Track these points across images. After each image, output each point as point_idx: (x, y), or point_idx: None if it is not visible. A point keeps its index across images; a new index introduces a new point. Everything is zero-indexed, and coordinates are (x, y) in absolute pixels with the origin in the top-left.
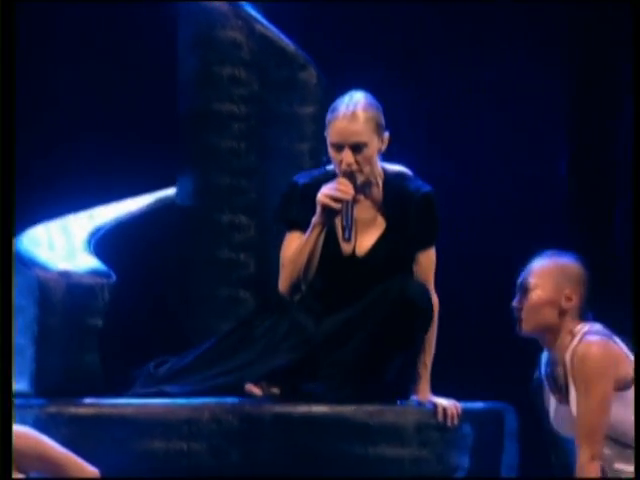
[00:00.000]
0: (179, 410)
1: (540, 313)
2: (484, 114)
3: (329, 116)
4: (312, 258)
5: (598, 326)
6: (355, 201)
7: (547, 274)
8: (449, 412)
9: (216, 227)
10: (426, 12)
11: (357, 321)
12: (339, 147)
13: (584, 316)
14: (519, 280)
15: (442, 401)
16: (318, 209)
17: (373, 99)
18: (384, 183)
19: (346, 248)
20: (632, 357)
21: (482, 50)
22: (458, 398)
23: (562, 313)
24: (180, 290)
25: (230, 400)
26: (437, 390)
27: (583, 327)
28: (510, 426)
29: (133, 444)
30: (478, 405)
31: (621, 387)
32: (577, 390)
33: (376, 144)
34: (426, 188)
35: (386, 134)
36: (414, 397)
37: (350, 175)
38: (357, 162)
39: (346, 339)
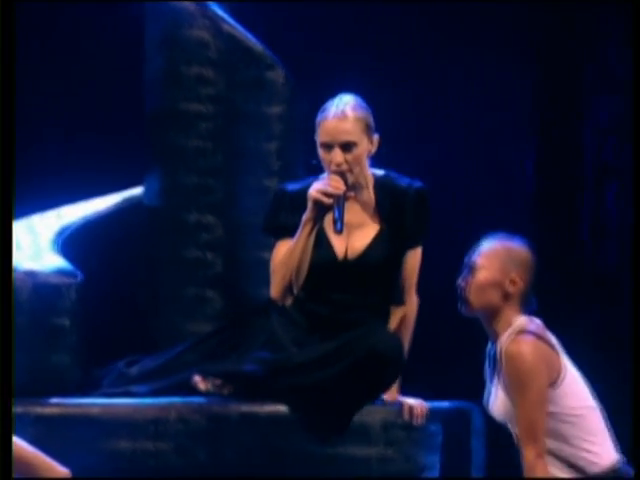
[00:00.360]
0: (146, 410)
1: (484, 293)
2: (452, 113)
3: (319, 117)
4: (304, 258)
5: (537, 322)
6: (346, 197)
7: (494, 255)
8: (415, 411)
9: (183, 226)
10: (393, 12)
11: (330, 359)
12: (329, 147)
13: (528, 303)
14: (466, 259)
15: (409, 400)
16: (309, 205)
17: (363, 101)
18: (374, 185)
19: (339, 252)
20: (563, 355)
21: (450, 50)
22: (425, 397)
23: (506, 296)
24: (147, 289)
25: (197, 400)
26: (403, 390)
27: (521, 321)
28: (477, 425)
29: (100, 444)
30: (444, 404)
31: (552, 384)
32: (512, 390)
33: (365, 145)
34: (418, 184)
35: (376, 136)
36: (382, 396)
37: (340, 175)
38: (347, 162)
39: (316, 371)
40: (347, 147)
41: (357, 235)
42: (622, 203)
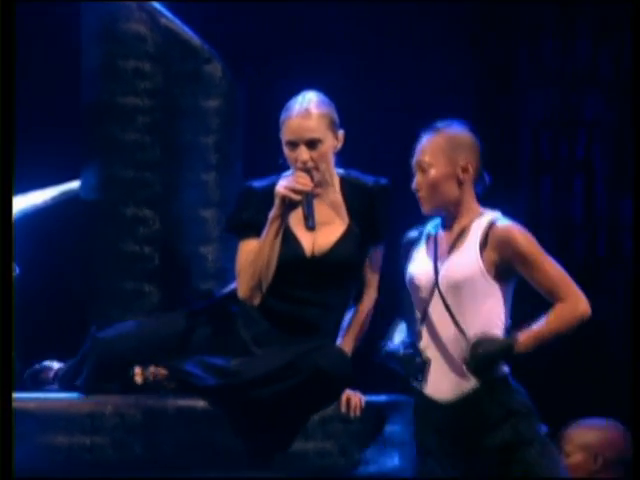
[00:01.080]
0: (82, 404)
1: (439, 190)
2: (391, 109)
3: (283, 116)
4: (272, 256)
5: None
6: (314, 195)
7: (439, 150)
8: (352, 403)
9: (120, 220)
10: (330, 4)
11: (277, 377)
12: (294, 145)
13: (482, 180)
14: (413, 161)
15: (347, 392)
16: (277, 202)
17: (326, 97)
18: (341, 183)
19: (307, 248)
20: None
21: (388, 45)
22: (362, 391)
23: (460, 185)
24: (85, 283)
25: (133, 394)
26: None
27: (487, 210)
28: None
29: (36, 439)
30: (382, 398)
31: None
32: (532, 259)
33: (331, 141)
34: (384, 181)
35: (341, 132)
36: None
37: (306, 172)
38: (312, 159)
39: (263, 388)
40: (312, 144)
41: (324, 232)
42: (557, 196)
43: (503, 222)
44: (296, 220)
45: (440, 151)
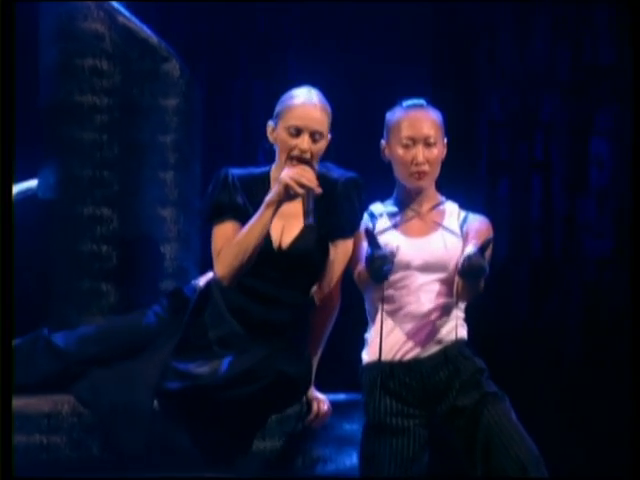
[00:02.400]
0: (39, 404)
1: (438, 167)
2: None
3: (288, 101)
4: (260, 239)
5: None
6: (316, 192)
7: (439, 127)
8: (320, 415)
9: (78, 219)
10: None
11: (237, 382)
12: (298, 131)
13: None
14: (411, 133)
15: (319, 397)
16: (278, 189)
17: None
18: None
19: (275, 240)
20: None
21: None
22: (321, 389)
23: (441, 164)
24: (41, 283)
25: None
26: None
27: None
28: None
29: None
30: (340, 397)
31: None
32: (479, 237)
33: (325, 141)
34: (350, 174)
35: (329, 136)
36: None
37: (300, 161)
38: (311, 152)
39: (222, 392)
40: (314, 136)
41: (292, 224)
42: (515, 196)
43: (478, 216)
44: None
45: (439, 128)
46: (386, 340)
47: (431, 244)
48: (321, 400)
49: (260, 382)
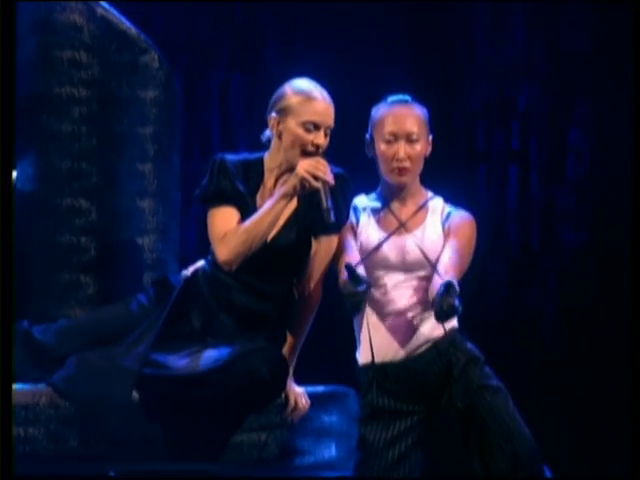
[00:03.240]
0: (16, 395)
1: (420, 163)
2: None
3: (301, 95)
4: (269, 229)
5: None
6: (331, 187)
7: (423, 123)
8: (298, 409)
9: (56, 211)
10: None
11: (211, 379)
12: (315, 127)
13: None
14: (393, 129)
15: (297, 391)
16: (294, 181)
17: None
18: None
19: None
20: None
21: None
22: (300, 381)
23: (425, 161)
24: (20, 275)
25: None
26: None
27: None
28: (352, 410)
29: None
30: (319, 389)
31: None
32: (467, 243)
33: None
34: (337, 169)
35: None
36: None
37: (313, 156)
38: (323, 148)
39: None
40: (327, 131)
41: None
42: (492, 186)
43: (462, 212)
44: (262, 201)
45: (424, 125)
46: (375, 341)
47: (410, 242)
48: (299, 394)
49: (234, 382)
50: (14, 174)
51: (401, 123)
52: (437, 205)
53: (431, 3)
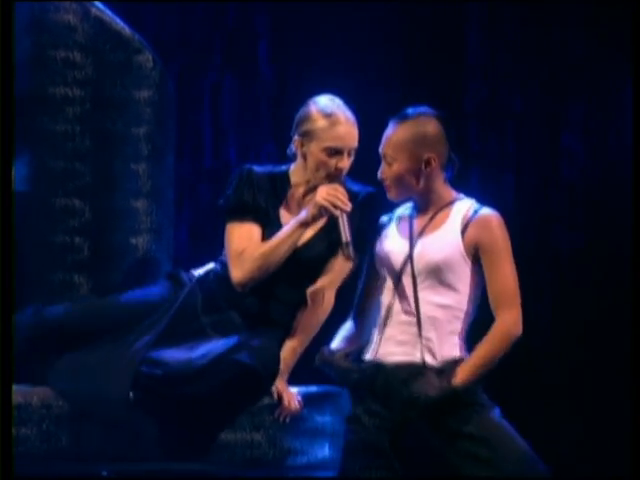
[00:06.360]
0: None
1: (403, 182)
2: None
3: (324, 119)
4: (287, 255)
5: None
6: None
7: (403, 144)
8: (290, 409)
9: (50, 211)
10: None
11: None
12: (337, 152)
13: (451, 165)
14: (380, 148)
15: (290, 392)
16: (313, 210)
17: None
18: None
19: None
20: None
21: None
22: (293, 381)
23: (426, 177)
24: (15, 274)
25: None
26: None
27: (462, 195)
28: (345, 410)
29: None
30: (312, 389)
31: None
32: (498, 252)
33: None
34: (370, 188)
35: None
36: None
37: (335, 180)
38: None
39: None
40: (352, 153)
41: (306, 230)
42: (486, 188)
43: (487, 209)
44: (286, 215)
45: (404, 146)
46: (378, 342)
47: (427, 245)
48: (291, 395)
49: (220, 377)
50: (14, 173)
51: (382, 143)
52: (462, 207)
53: (423, 5)
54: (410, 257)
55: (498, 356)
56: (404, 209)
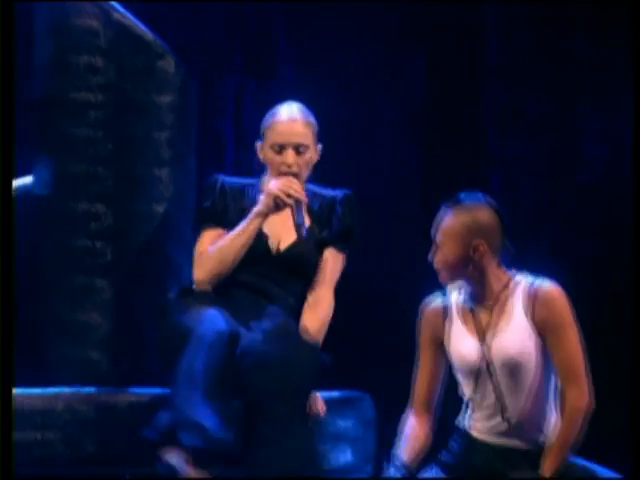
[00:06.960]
0: (33, 400)
1: (452, 268)
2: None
3: (269, 120)
4: (244, 248)
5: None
6: (302, 203)
7: (451, 232)
8: (314, 413)
9: (72, 215)
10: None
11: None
12: (281, 148)
13: (505, 250)
14: (432, 232)
15: (314, 396)
16: (266, 200)
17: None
18: (305, 190)
19: (272, 246)
20: None
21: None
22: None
23: (475, 263)
24: (36, 279)
25: (84, 389)
26: None
27: (516, 273)
28: (368, 415)
29: None
30: (335, 394)
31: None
32: (560, 329)
33: (313, 151)
34: (347, 191)
35: (319, 146)
36: None
37: (294, 177)
38: (297, 165)
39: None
40: (299, 150)
41: (289, 231)
42: (505, 192)
43: (546, 283)
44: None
45: (453, 233)
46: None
47: (501, 340)
48: (315, 399)
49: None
50: (28, 179)
51: (434, 227)
52: (520, 286)
53: (443, 9)
54: (484, 356)
55: (577, 434)
56: (458, 294)
